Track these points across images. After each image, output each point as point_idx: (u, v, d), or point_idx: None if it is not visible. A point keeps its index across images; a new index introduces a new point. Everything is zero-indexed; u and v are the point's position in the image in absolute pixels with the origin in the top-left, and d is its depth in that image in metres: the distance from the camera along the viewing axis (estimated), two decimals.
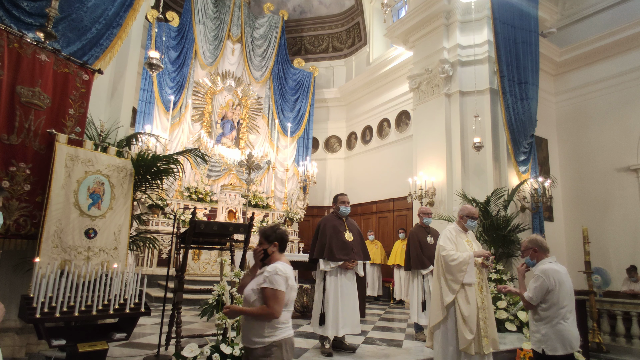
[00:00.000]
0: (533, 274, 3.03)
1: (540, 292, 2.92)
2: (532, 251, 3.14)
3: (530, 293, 2.96)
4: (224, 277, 3.45)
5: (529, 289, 2.99)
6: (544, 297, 2.91)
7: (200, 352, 3.18)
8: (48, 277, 3.08)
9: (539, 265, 3.07)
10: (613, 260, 7.98)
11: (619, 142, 8.23)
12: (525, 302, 3.00)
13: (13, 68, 3.44)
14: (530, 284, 2.99)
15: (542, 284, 2.92)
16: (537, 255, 3.14)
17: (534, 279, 2.98)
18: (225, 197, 9.88)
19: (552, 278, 2.92)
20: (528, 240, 3.20)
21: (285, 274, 2.20)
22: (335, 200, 4.88)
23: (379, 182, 11.45)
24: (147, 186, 4.48)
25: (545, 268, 2.99)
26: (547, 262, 3.06)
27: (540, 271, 2.98)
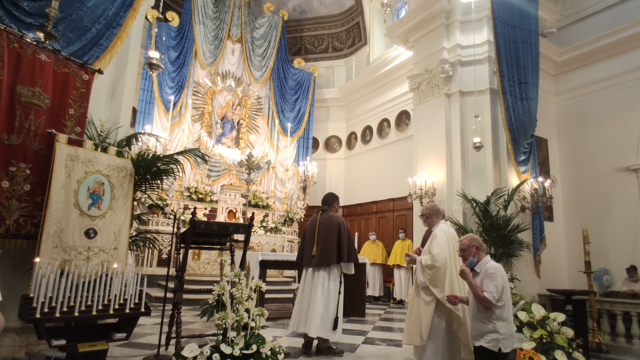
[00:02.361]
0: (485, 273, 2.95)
1: (500, 289, 2.87)
2: (475, 249, 3.06)
3: (493, 292, 2.87)
4: (224, 277, 3.45)
5: (488, 288, 2.88)
6: (501, 294, 2.88)
7: (200, 352, 3.18)
8: (48, 277, 3.07)
9: (484, 264, 3.00)
10: (613, 260, 7.97)
11: (619, 142, 8.23)
12: (486, 302, 2.87)
13: (13, 68, 3.44)
14: (486, 283, 2.90)
15: (500, 281, 2.88)
16: (479, 254, 3.06)
17: (489, 278, 2.91)
18: (225, 197, 9.88)
19: (503, 274, 2.92)
20: (470, 239, 3.09)
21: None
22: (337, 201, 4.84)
23: (379, 182, 11.45)
24: (147, 186, 4.48)
25: (496, 265, 2.96)
26: (489, 260, 3.02)
27: (493, 269, 2.93)
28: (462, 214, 7.73)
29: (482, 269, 3.00)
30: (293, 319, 4.40)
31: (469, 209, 7.58)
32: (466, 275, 2.98)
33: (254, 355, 2.91)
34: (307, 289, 4.36)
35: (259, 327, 3.12)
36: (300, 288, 4.51)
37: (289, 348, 4.18)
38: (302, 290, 4.45)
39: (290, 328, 4.41)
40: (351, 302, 6.97)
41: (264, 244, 10.21)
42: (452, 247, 3.64)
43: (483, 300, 2.86)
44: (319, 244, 4.44)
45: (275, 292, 8.30)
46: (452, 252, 3.64)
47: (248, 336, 3.00)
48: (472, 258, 3.06)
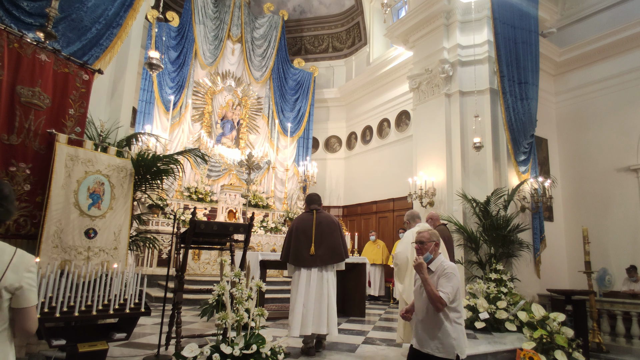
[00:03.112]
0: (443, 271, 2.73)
1: (455, 291, 2.66)
2: (434, 245, 2.82)
3: (449, 293, 2.62)
4: (224, 277, 3.45)
5: (444, 287, 2.64)
6: (456, 295, 2.67)
7: (200, 352, 3.18)
8: (48, 277, 3.08)
9: (440, 262, 2.79)
10: (613, 260, 7.97)
11: (619, 142, 8.23)
12: (440, 302, 2.59)
13: (13, 68, 3.44)
14: (442, 282, 2.67)
15: (456, 281, 2.67)
16: (436, 250, 2.84)
17: (446, 277, 2.67)
18: (225, 197, 9.88)
19: (458, 275, 2.73)
20: (430, 233, 2.88)
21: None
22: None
23: (379, 182, 11.45)
24: (147, 186, 4.48)
25: (454, 265, 2.76)
26: (445, 259, 2.83)
27: (452, 268, 2.71)
28: (462, 214, 7.73)
29: (437, 268, 2.76)
30: (301, 321, 4.09)
31: (469, 209, 7.58)
32: (421, 269, 2.70)
33: (254, 355, 2.91)
34: (315, 289, 4.20)
35: (259, 327, 3.12)
36: (302, 289, 4.20)
37: (289, 348, 4.18)
38: (306, 291, 4.19)
39: (296, 332, 4.05)
40: (351, 302, 6.97)
41: (264, 244, 10.21)
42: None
43: (437, 299, 2.59)
44: (322, 243, 4.32)
45: (275, 292, 8.30)
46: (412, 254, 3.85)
47: (248, 336, 3.00)
48: (428, 254, 2.81)
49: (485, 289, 6.33)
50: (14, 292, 1.48)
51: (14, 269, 1.48)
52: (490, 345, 4.93)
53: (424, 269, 2.69)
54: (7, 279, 1.46)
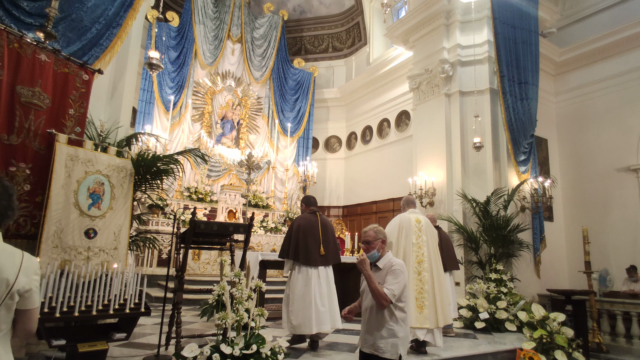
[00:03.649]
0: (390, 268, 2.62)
1: (402, 288, 2.55)
2: (381, 243, 2.73)
3: (394, 290, 2.52)
4: (224, 277, 3.45)
5: (390, 284, 2.54)
6: (403, 292, 2.57)
7: (200, 352, 3.18)
8: (48, 277, 3.07)
9: (388, 259, 2.69)
10: (613, 260, 7.97)
11: (619, 142, 8.23)
12: (384, 299, 2.49)
13: (13, 68, 3.44)
14: (389, 279, 2.57)
15: (403, 279, 2.57)
16: (383, 248, 2.75)
17: (393, 274, 2.57)
18: (225, 197, 9.88)
19: (406, 272, 2.64)
20: (375, 230, 2.77)
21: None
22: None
23: (379, 182, 11.45)
24: (147, 186, 4.47)
25: (401, 263, 2.67)
26: (392, 257, 2.73)
27: (399, 266, 2.62)
28: (462, 214, 7.73)
29: (385, 265, 2.66)
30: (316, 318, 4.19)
31: (469, 209, 7.58)
32: (364, 265, 2.59)
33: (254, 355, 2.91)
34: (325, 287, 4.38)
35: (259, 327, 3.12)
36: (314, 287, 4.30)
37: (289, 348, 4.18)
38: (317, 289, 4.30)
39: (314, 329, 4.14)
40: (351, 302, 6.92)
41: (264, 244, 10.21)
42: (405, 230, 4.41)
43: (381, 296, 2.48)
44: (329, 244, 4.52)
45: (275, 292, 8.30)
46: (402, 232, 4.41)
47: (248, 336, 3.00)
48: (375, 252, 2.70)
49: (485, 289, 6.33)
50: (23, 294, 1.51)
51: (25, 272, 1.51)
52: (490, 345, 4.93)
53: (367, 265, 2.59)
54: (19, 282, 1.49)
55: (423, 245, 4.44)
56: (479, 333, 5.68)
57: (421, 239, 4.45)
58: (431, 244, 4.52)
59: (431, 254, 4.46)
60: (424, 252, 4.43)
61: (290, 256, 4.44)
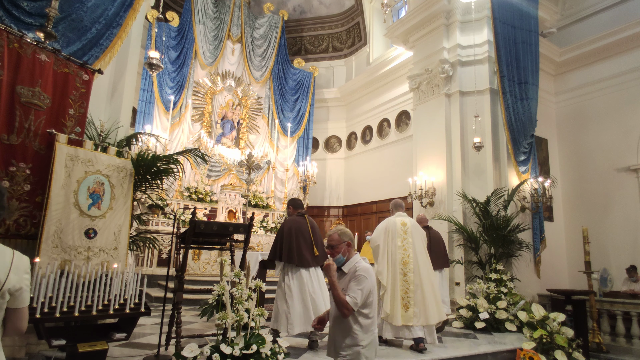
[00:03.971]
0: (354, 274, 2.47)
1: (366, 295, 2.41)
2: (346, 246, 2.58)
3: (357, 298, 2.37)
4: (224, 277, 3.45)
5: (352, 291, 2.40)
6: (367, 299, 2.43)
7: (200, 352, 3.18)
8: (48, 277, 3.07)
9: (354, 263, 2.55)
10: (613, 260, 7.97)
11: (619, 142, 8.23)
12: (346, 308, 2.36)
13: (13, 68, 3.44)
14: (352, 285, 2.43)
15: (367, 284, 2.42)
16: (350, 251, 2.59)
17: (356, 280, 2.43)
18: (225, 197, 9.88)
19: (373, 277, 2.49)
20: (340, 233, 2.60)
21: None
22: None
23: (379, 182, 11.45)
24: (147, 186, 4.48)
25: (367, 267, 2.52)
26: (359, 259, 2.59)
27: (364, 270, 2.47)
28: (462, 214, 7.73)
29: (350, 270, 2.51)
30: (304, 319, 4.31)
31: (469, 209, 7.58)
32: (329, 271, 2.47)
33: (254, 355, 2.91)
34: (317, 286, 4.48)
35: (259, 327, 3.12)
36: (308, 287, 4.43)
37: (289, 348, 4.18)
38: (311, 289, 4.44)
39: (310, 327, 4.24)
40: None
41: (264, 244, 10.21)
42: (391, 233, 4.68)
43: (343, 304, 2.36)
44: (318, 245, 4.64)
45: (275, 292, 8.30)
46: (388, 235, 4.68)
47: (248, 336, 3.00)
48: (340, 256, 2.55)
49: (485, 289, 6.33)
50: (14, 293, 1.51)
51: (15, 271, 1.51)
52: (490, 345, 4.93)
53: (332, 272, 2.47)
54: (10, 281, 1.49)
55: (408, 247, 4.66)
56: (479, 333, 5.68)
57: (407, 241, 4.68)
58: (418, 245, 4.70)
59: (417, 255, 4.65)
60: (410, 253, 4.64)
61: (283, 258, 4.51)
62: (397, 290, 4.48)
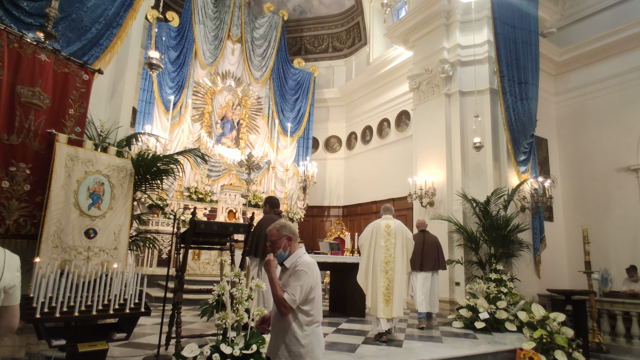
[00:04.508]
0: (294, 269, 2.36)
1: (306, 291, 2.29)
2: (287, 240, 2.44)
3: (295, 295, 2.24)
4: (224, 277, 3.45)
5: (291, 287, 2.28)
6: (307, 296, 2.31)
7: (200, 352, 3.18)
8: (48, 277, 3.07)
9: (295, 258, 2.42)
10: (613, 260, 7.97)
11: (619, 142, 8.23)
12: (283, 304, 2.24)
13: (13, 68, 3.44)
14: (291, 282, 2.31)
15: (308, 280, 2.30)
16: (292, 246, 2.46)
17: (295, 276, 2.31)
18: (225, 197, 9.88)
19: (315, 272, 2.37)
20: (279, 227, 2.46)
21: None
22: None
23: (379, 182, 11.45)
24: (147, 186, 4.47)
25: (308, 261, 2.40)
26: (303, 254, 2.47)
27: (304, 265, 2.35)
28: (462, 214, 7.74)
29: (291, 265, 2.38)
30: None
31: (469, 209, 7.58)
32: (268, 267, 2.34)
33: (254, 355, 2.91)
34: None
35: None
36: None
37: None
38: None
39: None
40: (351, 302, 6.96)
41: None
42: (376, 233, 5.21)
43: (280, 301, 2.23)
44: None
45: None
46: (373, 237, 5.21)
47: (248, 336, 3.00)
48: (281, 251, 2.41)
49: (485, 289, 6.33)
50: (7, 291, 1.52)
51: (8, 269, 1.52)
52: (490, 345, 4.93)
53: (271, 267, 2.33)
54: (4, 279, 1.49)
55: (391, 247, 5.13)
56: (479, 333, 5.68)
57: (389, 242, 5.16)
58: (398, 246, 5.12)
59: (396, 255, 5.09)
60: (392, 253, 5.11)
61: (259, 255, 4.76)
62: (379, 287, 4.97)
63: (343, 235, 11.52)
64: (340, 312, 7.10)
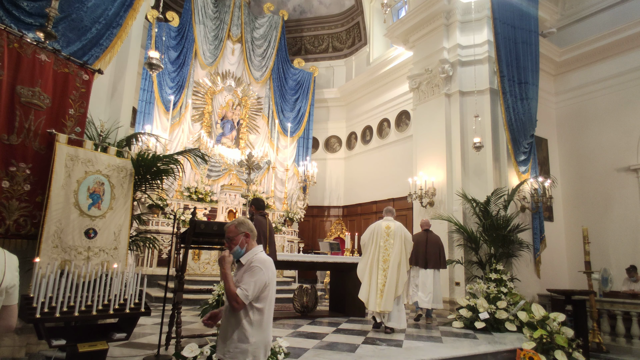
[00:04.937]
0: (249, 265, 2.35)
1: (259, 288, 2.28)
2: (244, 236, 2.43)
3: (248, 290, 2.23)
4: None
5: (244, 283, 2.26)
6: (261, 293, 2.30)
7: (200, 352, 3.18)
8: (48, 277, 3.07)
9: (252, 254, 2.42)
10: (613, 260, 7.97)
11: (619, 142, 8.23)
12: (235, 301, 2.22)
13: (13, 68, 3.44)
14: (245, 277, 2.29)
15: (262, 277, 2.29)
16: (248, 242, 2.46)
17: (250, 272, 2.30)
18: (225, 197, 9.88)
19: (270, 270, 2.37)
20: (237, 224, 2.46)
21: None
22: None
23: (379, 182, 11.45)
24: (147, 186, 4.48)
25: (263, 258, 2.41)
26: (260, 251, 2.47)
27: (260, 262, 2.35)
28: (462, 214, 7.73)
29: (247, 261, 2.37)
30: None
31: (469, 209, 7.58)
32: (223, 263, 2.34)
33: None
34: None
35: None
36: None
37: (289, 348, 4.18)
38: None
39: None
40: (351, 302, 6.96)
41: None
42: (376, 234, 5.66)
43: (232, 297, 2.21)
44: (272, 244, 5.20)
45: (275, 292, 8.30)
46: (373, 237, 5.66)
47: None
48: (238, 247, 2.40)
49: (485, 289, 6.33)
50: (8, 290, 1.53)
51: (9, 269, 1.53)
52: (490, 345, 4.93)
53: (225, 263, 2.33)
54: (6, 279, 1.50)
55: (389, 247, 5.54)
56: (479, 333, 5.68)
57: (388, 242, 5.56)
58: (397, 246, 5.51)
59: (394, 255, 5.49)
60: (390, 252, 5.52)
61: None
62: (378, 283, 5.42)
63: (343, 235, 11.52)
64: (340, 312, 7.10)
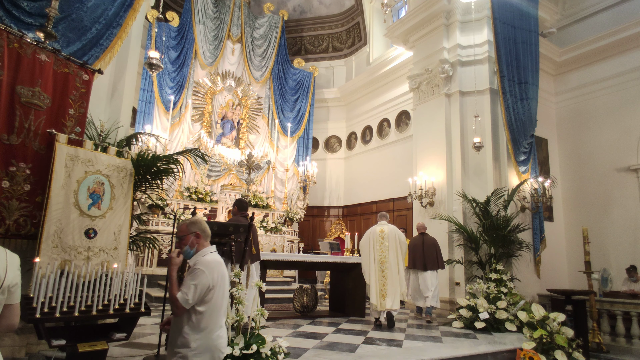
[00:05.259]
0: (193, 267, 2.29)
1: (201, 291, 2.19)
2: (194, 237, 2.37)
3: (187, 293, 2.16)
4: None
5: (185, 286, 2.19)
6: (204, 297, 2.21)
7: None
8: (48, 277, 3.07)
9: (199, 256, 2.35)
10: (613, 260, 7.97)
11: (619, 142, 8.23)
12: (175, 304, 2.16)
13: (13, 68, 3.44)
14: (185, 279, 2.23)
15: (204, 280, 2.20)
16: (199, 243, 2.39)
17: (191, 275, 2.22)
18: (225, 197, 9.87)
19: (215, 272, 2.27)
20: (189, 223, 2.42)
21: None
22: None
23: (379, 182, 11.45)
24: (147, 186, 4.47)
25: (208, 260, 2.31)
26: (209, 252, 2.39)
27: (202, 264, 2.26)
28: (462, 214, 7.73)
29: (194, 263, 2.31)
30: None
31: (469, 209, 7.58)
32: (169, 265, 2.29)
33: (254, 355, 2.92)
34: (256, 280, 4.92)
35: (259, 327, 3.13)
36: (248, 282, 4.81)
37: (289, 348, 4.18)
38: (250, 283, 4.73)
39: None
40: (351, 302, 6.97)
41: (264, 244, 10.20)
42: (372, 238, 6.10)
43: (173, 301, 2.16)
44: (256, 244, 5.27)
45: (275, 292, 8.31)
46: (370, 241, 6.09)
47: (248, 336, 3.00)
48: (188, 248, 2.35)
49: (485, 289, 6.33)
50: (10, 289, 1.53)
51: (11, 268, 1.53)
52: (490, 345, 4.93)
53: (172, 265, 2.27)
54: (8, 277, 1.50)
55: (385, 249, 6.01)
56: (479, 333, 5.69)
57: (384, 245, 6.03)
58: (392, 248, 5.97)
59: (390, 256, 5.94)
60: (386, 254, 5.97)
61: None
62: (377, 283, 5.85)
63: (343, 235, 11.52)
64: (340, 312, 7.10)
